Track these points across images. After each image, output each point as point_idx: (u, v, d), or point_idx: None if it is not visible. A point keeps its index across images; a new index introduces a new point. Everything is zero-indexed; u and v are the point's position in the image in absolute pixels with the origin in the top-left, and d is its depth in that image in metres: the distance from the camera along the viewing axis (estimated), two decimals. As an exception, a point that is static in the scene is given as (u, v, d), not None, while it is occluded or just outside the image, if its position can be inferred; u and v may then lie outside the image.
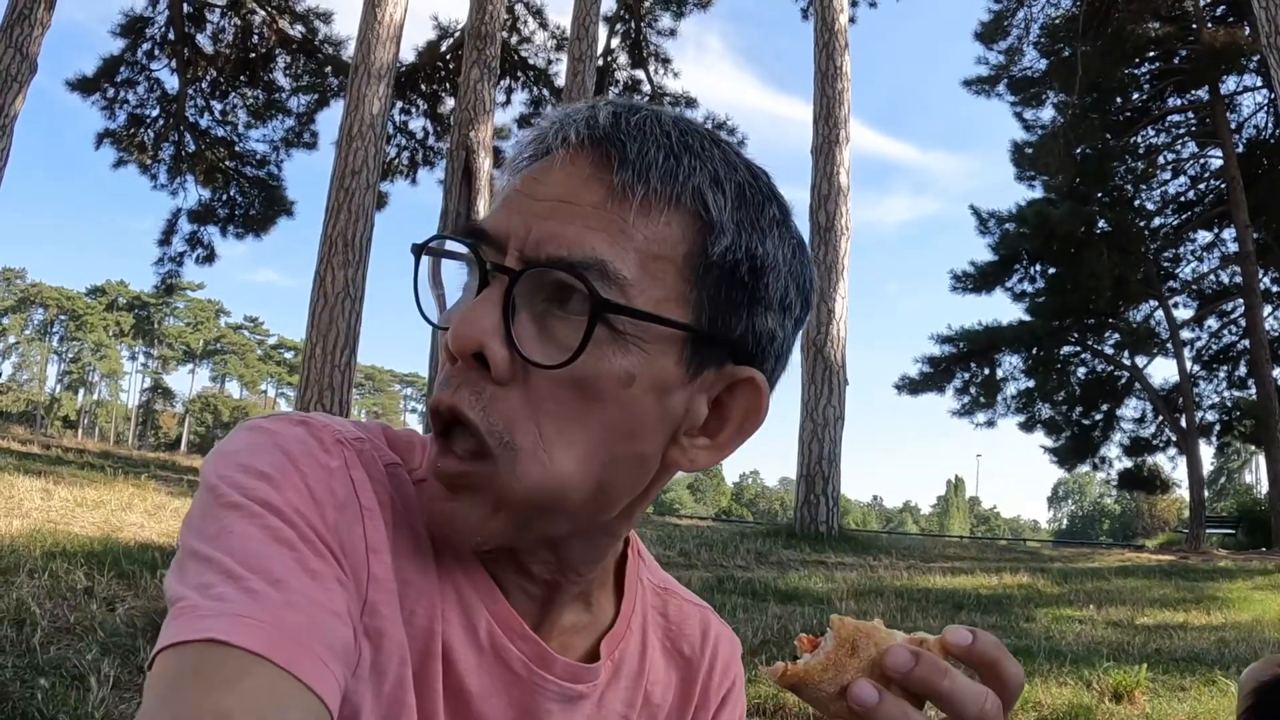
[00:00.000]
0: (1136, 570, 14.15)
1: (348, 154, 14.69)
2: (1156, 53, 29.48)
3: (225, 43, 26.07)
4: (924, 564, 12.30)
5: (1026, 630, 7.28)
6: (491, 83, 16.99)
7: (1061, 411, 31.44)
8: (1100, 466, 32.43)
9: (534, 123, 0.80)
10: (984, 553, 16.74)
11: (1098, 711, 4.38)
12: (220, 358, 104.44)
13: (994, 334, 29.72)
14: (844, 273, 15.33)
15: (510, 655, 0.81)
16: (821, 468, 14.38)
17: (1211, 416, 31.40)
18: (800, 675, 0.67)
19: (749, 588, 8.18)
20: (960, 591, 9.38)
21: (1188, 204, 31.39)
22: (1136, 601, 9.63)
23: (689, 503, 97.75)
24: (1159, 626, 7.87)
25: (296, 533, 0.69)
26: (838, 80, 16.14)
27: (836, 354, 14.86)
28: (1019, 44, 30.18)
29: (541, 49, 28.24)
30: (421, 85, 27.90)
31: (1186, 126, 30.82)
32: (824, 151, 15.82)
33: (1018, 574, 11.56)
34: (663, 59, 28.55)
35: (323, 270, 14.33)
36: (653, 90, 28.56)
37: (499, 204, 0.78)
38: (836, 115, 15.98)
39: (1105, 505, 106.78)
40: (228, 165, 26.65)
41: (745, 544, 12.39)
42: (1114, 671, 5.13)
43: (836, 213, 15.42)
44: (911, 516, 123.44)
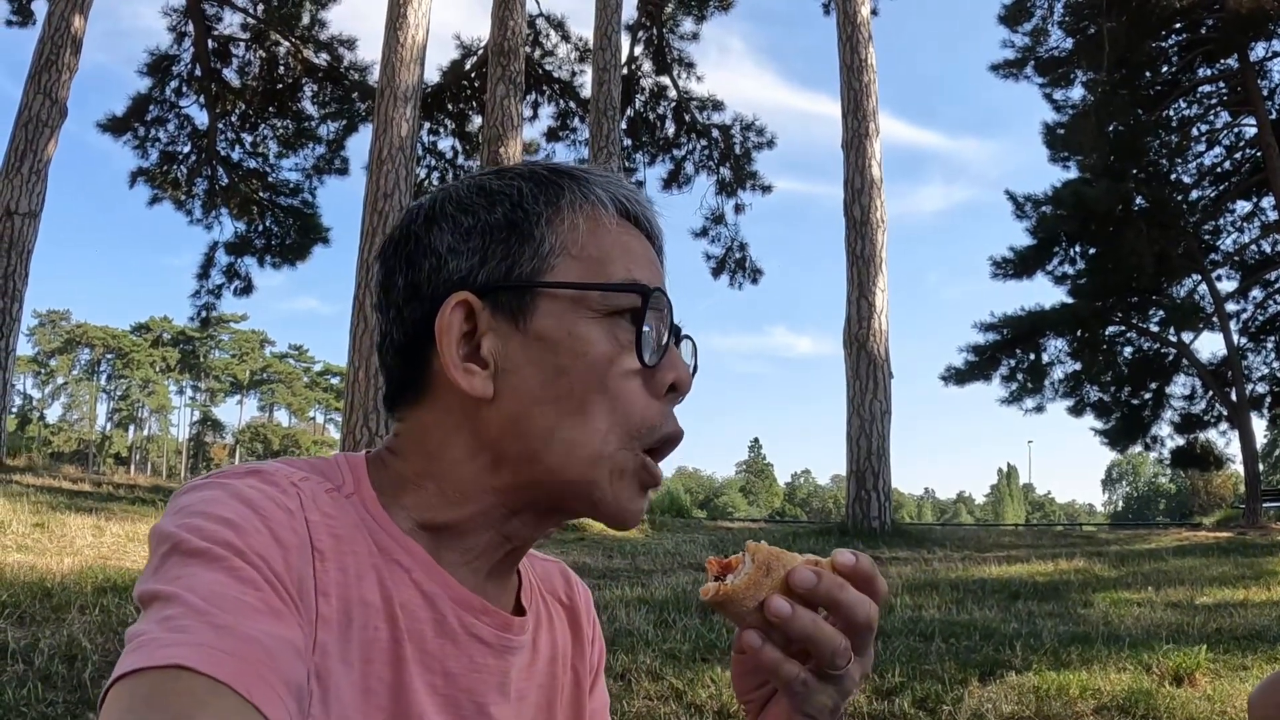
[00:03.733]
0: (1194, 549, 13.97)
1: (378, 178, 14.78)
2: (1183, 23, 29.10)
3: (252, 75, 26.28)
4: (978, 554, 12.21)
5: (1084, 616, 7.20)
6: (518, 98, 17.04)
7: (1110, 392, 30.95)
8: (1152, 446, 31.87)
9: (607, 179, 0.99)
10: (1039, 540, 16.58)
11: (1158, 696, 4.33)
12: (267, 387, 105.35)
13: (1037, 319, 29.31)
14: (882, 266, 15.24)
15: (481, 630, 0.92)
16: (871, 463, 14.28)
17: (1262, 388, 30.90)
18: (728, 593, 0.81)
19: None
20: (1016, 580, 9.30)
21: (1224, 175, 30.91)
22: (1195, 581, 9.49)
23: (742, 505, 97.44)
24: (1219, 605, 7.76)
25: (260, 574, 0.75)
26: (863, 73, 16.09)
27: (880, 348, 14.78)
28: (1043, 24, 29.92)
29: (565, 61, 28.26)
30: (448, 105, 28.01)
31: (1218, 96, 30.36)
32: (854, 145, 15.77)
33: (1073, 559, 11.44)
34: (686, 64, 28.46)
35: (361, 295, 14.41)
36: (679, 96, 28.53)
37: (648, 264, 0.97)
38: (864, 108, 15.92)
39: (1160, 485, 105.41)
40: (261, 196, 26.80)
41: (798, 544, 12.30)
42: (1173, 654, 5.08)
43: (871, 206, 15.36)
44: (965, 507, 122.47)
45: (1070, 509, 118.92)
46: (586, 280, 0.92)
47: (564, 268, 0.92)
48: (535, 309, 0.92)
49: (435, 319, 0.92)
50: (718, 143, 28.62)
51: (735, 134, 28.56)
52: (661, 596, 7.10)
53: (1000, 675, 4.79)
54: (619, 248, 0.94)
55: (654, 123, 29.12)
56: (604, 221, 0.95)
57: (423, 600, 0.89)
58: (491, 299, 0.93)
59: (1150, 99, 29.57)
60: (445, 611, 0.90)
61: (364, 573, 0.86)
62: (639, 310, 0.91)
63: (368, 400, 13.94)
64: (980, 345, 29.78)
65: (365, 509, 0.90)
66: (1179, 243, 28.75)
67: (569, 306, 0.91)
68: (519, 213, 0.95)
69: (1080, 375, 30.43)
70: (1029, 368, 30.02)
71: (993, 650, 5.41)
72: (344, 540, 0.86)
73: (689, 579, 8.86)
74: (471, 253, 0.94)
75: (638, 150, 29.04)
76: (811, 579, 0.80)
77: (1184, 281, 30.08)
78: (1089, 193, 28.18)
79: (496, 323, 0.92)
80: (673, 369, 0.93)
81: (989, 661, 5.08)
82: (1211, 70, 29.91)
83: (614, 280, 0.92)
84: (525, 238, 0.94)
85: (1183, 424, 30.85)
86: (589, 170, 1.00)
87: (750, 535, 13.64)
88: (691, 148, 28.94)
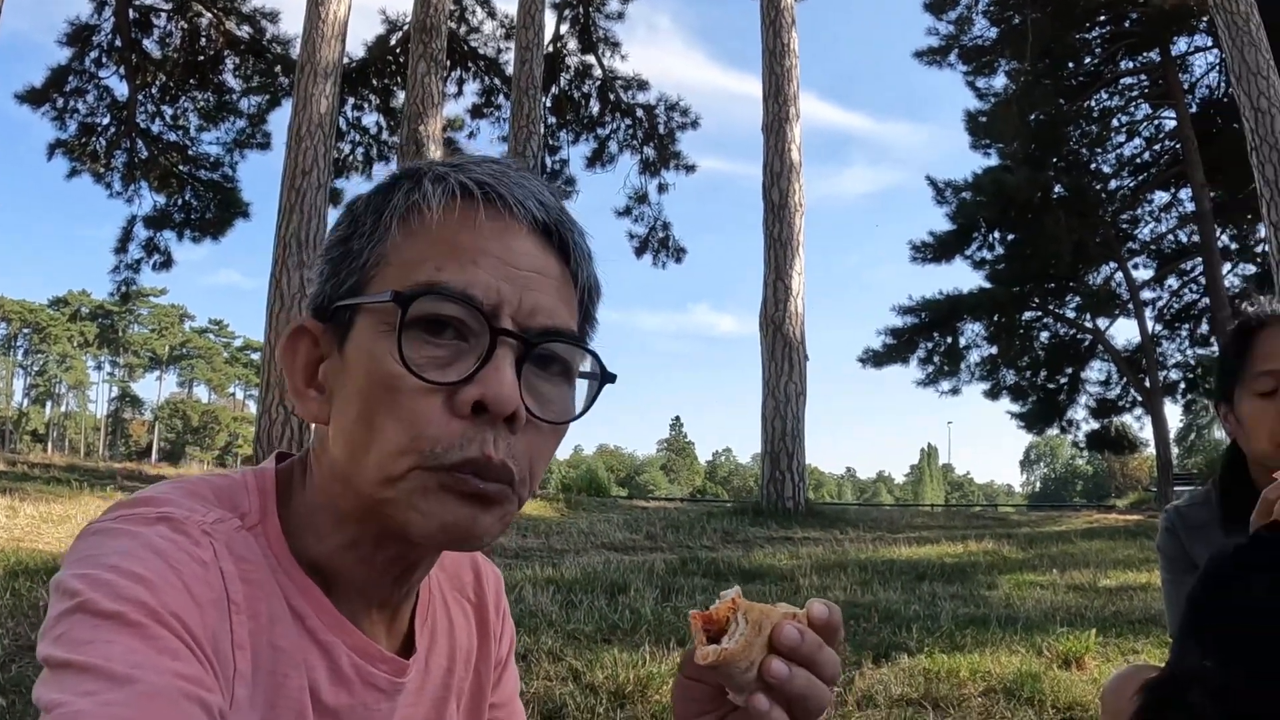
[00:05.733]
0: (1103, 532, 14.23)
1: (297, 154, 14.54)
2: (1107, 16, 29.56)
3: (173, 47, 25.90)
4: (891, 535, 12.32)
5: (986, 598, 7.28)
6: (439, 75, 16.87)
7: (1026, 377, 31.53)
8: (1068, 429, 32.57)
9: (461, 166, 0.93)
10: (953, 521, 16.83)
11: (1045, 678, 4.38)
12: (187, 363, 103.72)
13: (955, 303, 29.76)
14: (800, 249, 15.31)
15: (375, 677, 0.92)
16: (785, 444, 14.39)
17: (1175, 375, 31.64)
18: (729, 657, 0.79)
19: (713, 568, 8.16)
20: (924, 561, 9.39)
21: (1143, 165, 31.53)
22: (1100, 564, 9.64)
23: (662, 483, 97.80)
24: (1121, 588, 7.88)
25: (177, 636, 0.73)
26: (785, 57, 16.12)
27: (795, 331, 14.86)
28: (969, 13, 30.23)
29: (490, 38, 28.21)
30: (373, 80, 27.82)
31: (1139, 89, 30.92)
32: (774, 129, 15.81)
33: (984, 541, 11.61)
34: (612, 43, 28.49)
35: (278, 272, 14.20)
36: (604, 75, 28.48)
37: (471, 261, 0.87)
38: (786, 92, 15.96)
39: (1078, 467, 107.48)
40: (181, 170, 26.54)
41: (712, 524, 12.39)
42: (1066, 637, 5.14)
43: (790, 190, 15.42)
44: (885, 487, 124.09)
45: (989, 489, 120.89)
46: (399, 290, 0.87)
47: (380, 280, 0.89)
48: (353, 326, 0.89)
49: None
50: (642, 122, 28.67)
51: (660, 114, 28.68)
52: (571, 577, 7.05)
53: (894, 657, 4.83)
54: (439, 246, 0.88)
55: (579, 101, 29.13)
56: (428, 220, 0.89)
57: (319, 649, 0.88)
58: (330, 321, 0.92)
59: (1072, 90, 30.01)
60: (341, 660, 0.90)
61: (276, 617, 0.85)
62: (434, 319, 0.86)
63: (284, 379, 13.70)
64: (898, 328, 30.18)
65: (269, 546, 0.88)
66: (1097, 231, 29.28)
67: (373, 322, 0.88)
68: (350, 227, 0.93)
69: (997, 359, 30.91)
70: (946, 351, 30.46)
71: (890, 632, 5.44)
72: (255, 585, 0.85)
73: (601, 559, 8.86)
74: (320, 276, 0.94)
75: (562, 129, 29.08)
76: (796, 637, 0.81)
77: (1101, 269, 30.69)
78: (1009, 180, 28.59)
79: (329, 346, 0.92)
80: (480, 385, 0.84)
81: (885, 643, 5.11)
82: (1134, 63, 30.42)
83: (415, 285, 0.86)
84: (349, 253, 0.91)
85: (1098, 408, 31.52)
86: (448, 162, 0.94)
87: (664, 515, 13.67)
88: (616, 127, 29.01)
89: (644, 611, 5.65)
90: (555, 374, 0.91)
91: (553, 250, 0.92)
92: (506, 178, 0.91)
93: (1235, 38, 12.09)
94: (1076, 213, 28.57)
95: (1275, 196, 11.55)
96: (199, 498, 0.88)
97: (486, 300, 0.86)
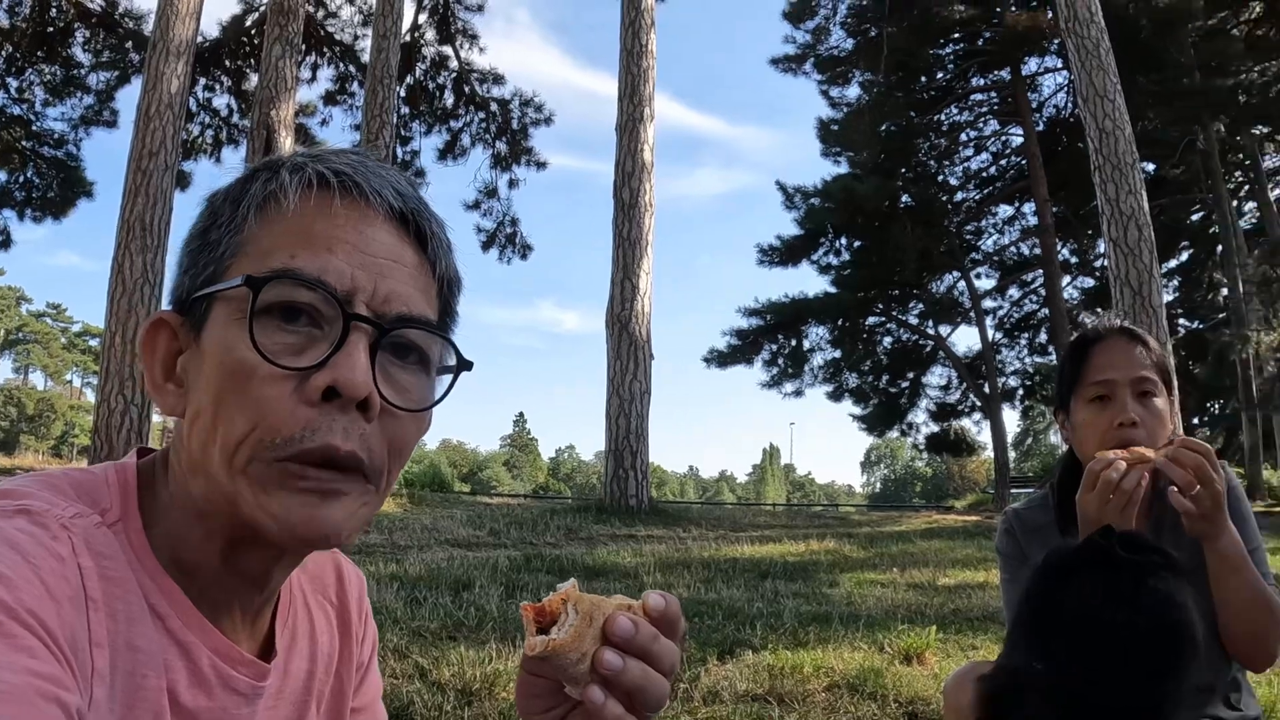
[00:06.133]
0: (942, 531, 14.59)
1: (145, 134, 13.94)
2: (961, 34, 30.44)
3: (21, 16, 24.63)
4: (734, 534, 12.42)
5: (828, 596, 7.35)
6: (294, 60, 16.40)
7: (868, 380, 32.23)
8: (908, 432, 33.41)
9: (319, 156, 0.91)
10: (795, 520, 17.05)
11: (888, 674, 4.40)
12: (22, 348, 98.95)
13: (800, 306, 30.23)
14: (648, 249, 15.30)
15: (235, 680, 0.90)
16: (630, 442, 14.38)
17: (1014, 382, 32.78)
18: (557, 648, 0.78)
19: (557, 565, 8.10)
20: (767, 560, 9.46)
21: (989, 179, 32.60)
22: (939, 563, 9.86)
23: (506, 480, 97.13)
24: (959, 587, 8.05)
25: (34, 634, 0.70)
26: (643, 58, 16.10)
27: (641, 330, 14.84)
28: (826, 24, 30.79)
29: (348, 24, 27.64)
30: (226, 61, 27.01)
31: (989, 105, 31.95)
32: (628, 129, 15.77)
33: (825, 540, 11.76)
34: (470, 35, 28.25)
35: (120, 256, 13.58)
36: (460, 67, 28.22)
37: (325, 248, 0.86)
38: (641, 93, 15.94)
39: (917, 468, 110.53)
40: (24, 145, 25.49)
41: (556, 521, 12.32)
42: (907, 634, 5.19)
43: (641, 189, 15.39)
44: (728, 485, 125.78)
45: (830, 489, 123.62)
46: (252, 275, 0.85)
47: (236, 269, 0.87)
48: (209, 318, 0.87)
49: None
50: (496, 116, 28.52)
51: (514, 108, 28.60)
52: (415, 573, 7.01)
53: (739, 654, 4.80)
54: (295, 235, 0.87)
55: (433, 92, 28.87)
56: (285, 209, 0.88)
57: (178, 650, 0.85)
58: (188, 314, 0.89)
59: (924, 103, 30.83)
60: (201, 661, 0.87)
61: (134, 617, 0.82)
62: (288, 306, 0.84)
63: (124, 367, 13.19)
64: (743, 329, 30.55)
65: (129, 543, 0.85)
66: (942, 241, 30.10)
67: (228, 311, 0.86)
68: (209, 219, 0.92)
69: (840, 362, 31.54)
70: (790, 353, 30.94)
71: (734, 629, 5.44)
72: (115, 583, 0.82)
73: (445, 555, 8.76)
74: (180, 268, 0.92)
75: (415, 119, 28.81)
76: (629, 628, 0.79)
77: (944, 278, 31.56)
78: (858, 188, 29.20)
79: (186, 338, 0.90)
80: (331, 370, 0.82)
81: (729, 640, 5.10)
82: (985, 80, 31.42)
83: (269, 271, 0.85)
84: (207, 244, 0.90)
85: (938, 412, 32.42)
86: (307, 153, 0.93)
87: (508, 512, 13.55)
88: (469, 120, 28.83)
89: (489, 608, 5.61)
90: (412, 363, 0.90)
91: (409, 239, 0.91)
92: (364, 167, 0.91)
93: (1085, 61, 12.49)
94: (923, 222, 29.33)
95: (1115, 214, 11.97)
96: (58, 491, 0.85)
97: (340, 286, 0.85)
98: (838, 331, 31.27)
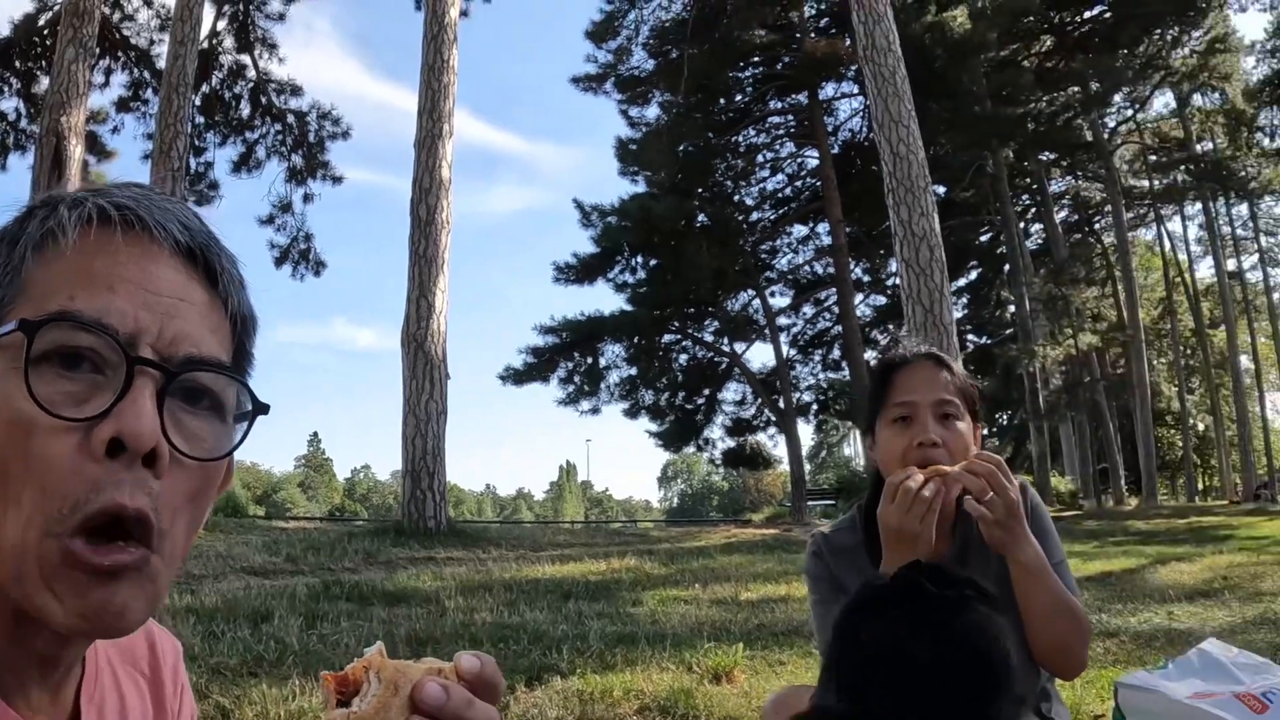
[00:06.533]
0: (742, 546, 14.71)
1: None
2: (761, 58, 31.28)
3: None
4: (534, 553, 12.25)
5: (633, 615, 7.27)
6: (88, 63, 15.60)
7: (664, 397, 32.63)
8: (705, 447, 34.00)
9: (101, 191, 0.84)
10: (594, 537, 16.99)
11: (698, 694, 4.34)
12: None
13: (596, 324, 30.41)
14: (444, 266, 14.98)
15: None
16: (426, 463, 14.07)
17: (808, 396, 33.74)
18: None
19: (356, 591, 7.78)
20: (569, 579, 9.33)
21: (785, 200, 33.55)
22: (741, 577, 9.88)
23: (301, 502, 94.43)
24: (762, 601, 8.08)
25: None
26: (444, 74, 15.80)
27: (438, 349, 14.54)
28: (628, 44, 31.16)
29: (145, 28, 26.53)
30: (15, 63, 25.61)
31: (786, 128, 32.90)
32: (427, 145, 15.44)
33: (626, 558, 11.68)
34: (270, 44, 27.47)
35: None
36: (258, 76, 27.41)
37: (106, 287, 0.78)
38: (441, 109, 15.64)
39: (714, 483, 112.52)
40: None
41: (354, 544, 11.91)
42: (714, 652, 5.14)
43: (438, 206, 15.08)
44: (526, 504, 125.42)
45: (628, 505, 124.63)
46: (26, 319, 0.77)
47: (14, 315, 0.78)
48: None
49: None
50: (293, 129, 27.86)
51: (311, 121, 28.01)
52: (211, 605, 6.61)
53: (547, 680, 4.67)
54: (75, 274, 0.79)
55: (230, 102, 28.03)
56: (63, 248, 0.80)
57: None
58: None
59: (722, 124, 31.50)
60: None
61: None
62: (68, 351, 0.76)
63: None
64: (539, 347, 30.56)
65: None
66: (737, 260, 30.75)
67: (5, 360, 0.77)
68: None
69: (636, 380, 31.81)
70: (586, 371, 31.09)
71: (540, 654, 5.29)
72: None
73: (241, 585, 8.34)
74: None
75: (210, 129, 27.90)
76: (440, 695, 0.72)
77: (740, 295, 32.25)
78: (655, 207, 29.58)
79: None
80: (116, 420, 0.74)
81: (536, 666, 4.95)
82: (783, 104, 32.31)
83: (45, 314, 0.77)
84: None
85: (734, 427, 33.07)
86: (88, 188, 0.86)
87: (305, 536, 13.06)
88: (265, 131, 28.11)
89: (289, 641, 5.33)
90: (204, 408, 0.83)
91: (198, 276, 0.85)
92: (148, 200, 0.84)
93: (881, 88, 12.86)
94: (718, 241, 29.91)
95: (908, 235, 12.33)
96: None
97: (123, 328, 0.78)
98: (634, 349, 31.56)
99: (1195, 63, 32.48)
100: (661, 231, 29.69)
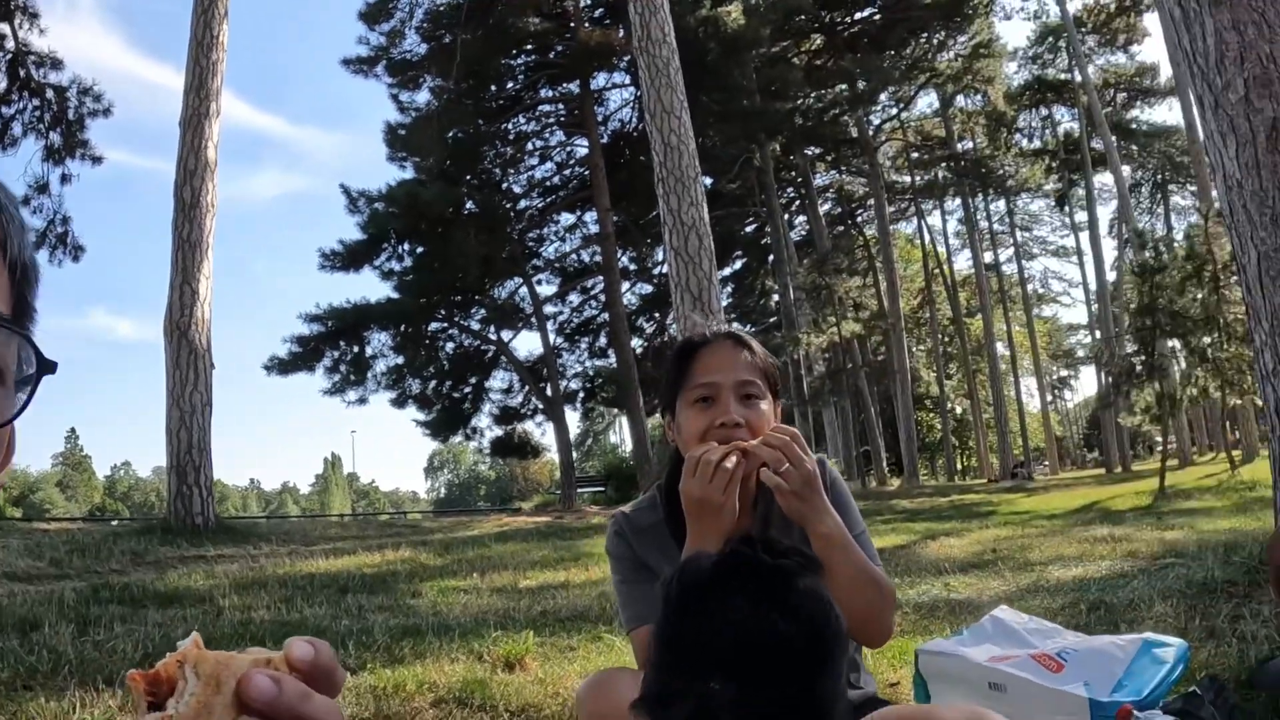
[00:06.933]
0: (515, 534, 14.74)
1: None
2: (534, 46, 31.30)
3: None
4: (306, 548, 11.97)
5: (414, 607, 7.18)
6: None
7: (432, 386, 32.35)
8: (472, 436, 33.87)
9: None
10: (365, 530, 16.73)
11: (492, 683, 4.31)
12: None
13: (362, 312, 29.91)
14: (208, 252, 14.41)
15: None
16: (192, 457, 13.52)
17: (575, 384, 34.00)
18: None
19: (127, 594, 7.40)
20: (344, 573, 9.13)
21: (553, 188, 33.69)
22: (518, 565, 9.89)
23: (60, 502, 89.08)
24: (543, 588, 8.09)
25: None
26: (213, 50, 15.14)
27: (202, 338, 13.98)
28: (401, 27, 30.71)
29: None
30: None
31: (556, 116, 33.01)
32: (193, 125, 14.78)
33: (400, 549, 11.53)
34: (31, 13, 25.51)
35: None
36: (17, 48, 25.50)
37: None
38: (209, 87, 14.99)
39: (481, 472, 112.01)
40: None
41: (120, 544, 11.35)
42: (503, 640, 5.13)
43: (203, 189, 14.48)
44: (292, 497, 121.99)
45: (395, 497, 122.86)
46: None
47: None
48: None
49: None
50: (51, 104, 26.04)
51: (71, 97, 26.17)
52: (-39, 615, 6.13)
53: (336, 676, 4.56)
54: None
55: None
56: None
57: None
58: None
59: (493, 111, 31.38)
60: None
61: None
62: None
63: None
64: (304, 336, 29.86)
65: None
66: (504, 247, 30.72)
67: None
68: None
69: (403, 368, 31.46)
70: (353, 360, 30.56)
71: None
72: None
73: (5, 592, 7.82)
74: None
75: (-37, 102, 25.73)
76: (270, 689, 0.62)
77: (507, 284, 32.22)
78: (423, 193, 29.27)
79: None
80: None
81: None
82: (554, 92, 32.43)
83: None
84: None
85: (501, 416, 33.04)
86: None
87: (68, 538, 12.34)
88: (23, 106, 26.09)
89: (63, 650, 4.98)
90: None
91: None
92: None
93: (655, 78, 13.03)
94: (486, 229, 29.82)
95: (677, 224, 12.57)
96: None
97: None
98: (401, 337, 31.15)
99: (960, 66, 34.48)
100: (429, 218, 29.35)
